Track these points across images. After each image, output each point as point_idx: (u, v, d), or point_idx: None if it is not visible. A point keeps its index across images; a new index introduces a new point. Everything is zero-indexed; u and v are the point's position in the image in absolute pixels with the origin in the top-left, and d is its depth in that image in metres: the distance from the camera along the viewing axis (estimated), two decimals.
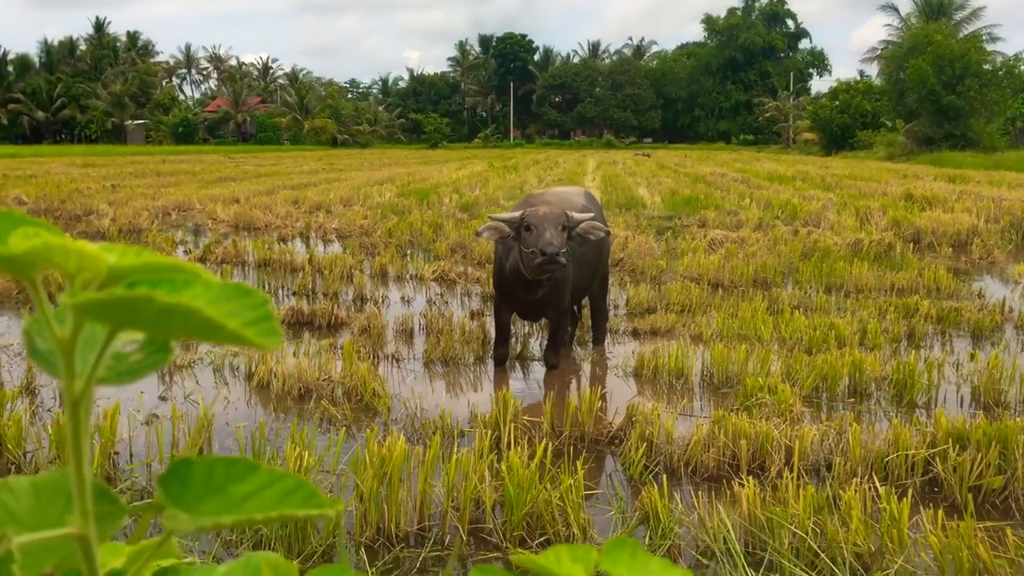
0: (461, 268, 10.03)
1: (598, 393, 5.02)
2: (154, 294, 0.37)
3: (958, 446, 4.21)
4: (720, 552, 3.42)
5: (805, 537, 3.39)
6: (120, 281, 0.41)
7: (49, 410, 5.19)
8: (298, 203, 17.99)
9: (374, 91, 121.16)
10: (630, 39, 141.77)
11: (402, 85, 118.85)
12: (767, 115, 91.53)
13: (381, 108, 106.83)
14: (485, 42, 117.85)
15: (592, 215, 5.85)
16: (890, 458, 4.23)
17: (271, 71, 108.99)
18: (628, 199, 19.13)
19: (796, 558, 3.35)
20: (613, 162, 43.50)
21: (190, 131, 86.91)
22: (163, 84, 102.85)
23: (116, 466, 4.31)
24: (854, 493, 3.56)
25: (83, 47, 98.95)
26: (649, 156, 55.26)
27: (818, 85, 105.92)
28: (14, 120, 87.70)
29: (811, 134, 69.51)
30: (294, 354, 6.26)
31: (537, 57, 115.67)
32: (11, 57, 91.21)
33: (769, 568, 3.35)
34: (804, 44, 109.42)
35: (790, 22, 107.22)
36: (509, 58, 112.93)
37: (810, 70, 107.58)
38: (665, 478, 4.06)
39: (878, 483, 3.88)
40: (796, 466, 4.04)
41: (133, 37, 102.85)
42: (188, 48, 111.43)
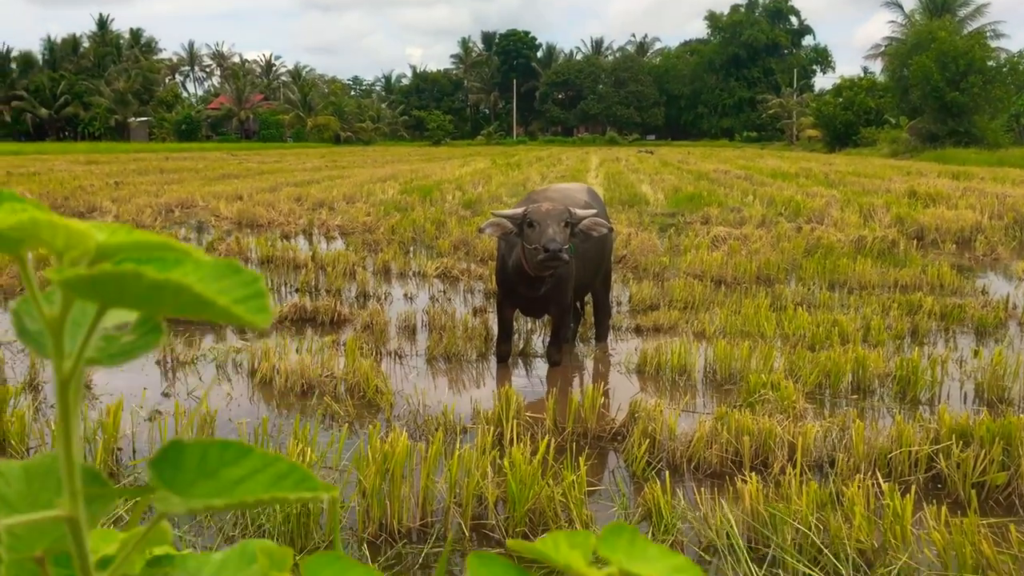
0: (464, 265, 10.02)
1: (601, 389, 5.02)
2: (143, 270, 0.36)
3: (961, 442, 4.20)
4: (723, 548, 3.41)
5: (808, 533, 3.38)
6: (109, 259, 0.40)
7: (52, 406, 5.19)
8: (301, 200, 17.99)
9: (377, 88, 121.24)
10: (633, 36, 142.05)
11: (405, 82, 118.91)
12: (770, 112, 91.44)
13: (384, 105, 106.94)
14: (488, 39, 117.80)
15: (595, 211, 5.83)
16: (893, 454, 4.22)
17: (274, 68, 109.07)
18: (631, 196, 19.11)
19: (799, 554, 3.34)
20: (616, 159, 43.44)
21: (193, 128, 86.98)
22: (166, 81, 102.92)
23: (119, 462, 4.32)
24: (857, 489, 3.55)
25: (86, 44, 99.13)
26: (652, 153, 55.20)
27: (822, 82, 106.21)
28: (17, 117, 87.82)
29: (815, 131, 69.46)
30: (297, 351, 6.26)
31: (540, 54, 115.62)
32: (15, 54, 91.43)
33: (772, 564, 3.34)
34: (808, 41, 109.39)
35: (793, 19, 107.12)
36: (512, 55, 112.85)
37: (814, 67, 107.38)
38: (668, 474, 4.06)
39: (881, 479, 3.87)
40: (799, 462, 4.04)
41: (136, 34, 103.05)
42: (191, 45, 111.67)
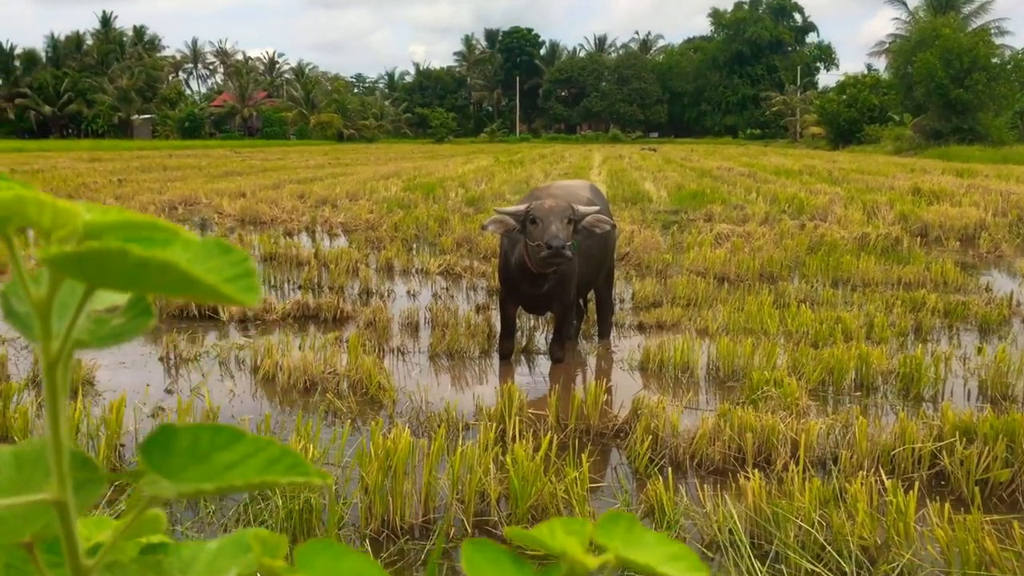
0: (467, 262, 10.01)
1: (603, 386, 5.01)
2: (129, 247, 0.35)
3: (965, 439, 4.19)
4: (726, 544, 3.40)
5: (811, 530, 3.37)
6: (97, 238, 0.40)
7: None
8: (304, 197, 18.00)
9: (380, 86, 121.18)
10: (636, 33, 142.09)
11: (408, 80, 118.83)
12: (774, 109, 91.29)
13: (387, 103, 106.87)
14: (491, 36, 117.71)
15: (598, 208, 5.82)
16: (896, 451, 4.22)
17: (277, 66, 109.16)
18: (634, 193, 19.09)
19: (802, 550, 3.33)
20: (619, 156, 43.41)
21: (196, 126, 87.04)
22: (169, 79, 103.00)
23: (122, 458, 4.32)
24: (860, 486, 3.54)
25: (90, 42, 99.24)
26: (655, 151, 55.14)
27: (825, 79, 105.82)
28: (21, 115, 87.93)
29: (818, 128, 69.36)
30: (300, 347, 6.26)
31: (543, 51, 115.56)
32: (18, 52, 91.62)
33: (775, 560, 3.34)
34: (811, 38, 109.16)
35: (797, 16, 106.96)
36: (515, 52, 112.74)
37: (817, 64, 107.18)
38: (670, 471, 4.05)
39: (884, 476, 3.86)
40: (802, 459, 4.02)
41: (139, 32, 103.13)
42: (194, 43, 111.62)
